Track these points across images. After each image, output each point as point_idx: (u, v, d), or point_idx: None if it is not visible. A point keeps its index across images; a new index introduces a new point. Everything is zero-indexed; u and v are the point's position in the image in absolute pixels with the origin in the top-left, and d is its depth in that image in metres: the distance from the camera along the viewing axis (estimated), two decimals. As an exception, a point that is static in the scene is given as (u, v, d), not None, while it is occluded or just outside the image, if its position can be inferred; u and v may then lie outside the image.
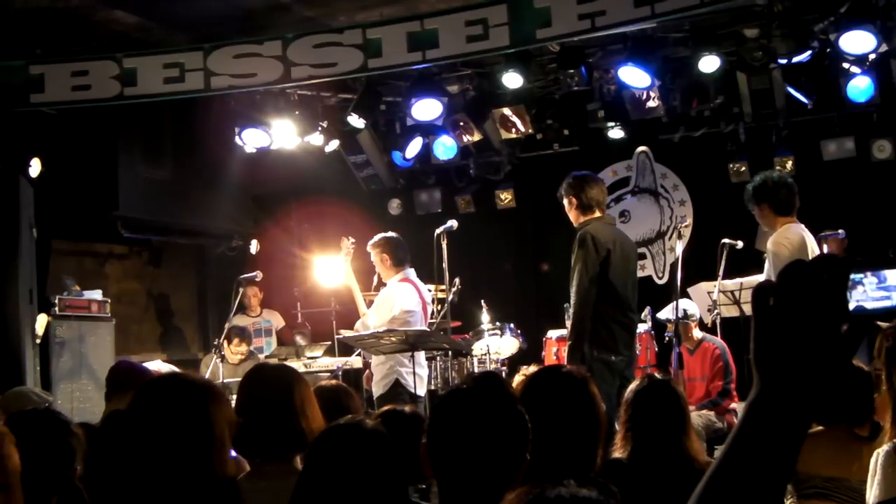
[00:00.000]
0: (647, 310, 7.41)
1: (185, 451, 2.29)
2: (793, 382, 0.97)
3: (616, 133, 8.98)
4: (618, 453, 3.16)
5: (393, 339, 5.96)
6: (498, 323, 8.03)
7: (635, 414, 3.20)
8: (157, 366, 6.83)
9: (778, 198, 5.64)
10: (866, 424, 3.36)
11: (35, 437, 2.76)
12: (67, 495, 2.80)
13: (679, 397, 3.28)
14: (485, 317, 7.92)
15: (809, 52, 7.18)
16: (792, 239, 5.48)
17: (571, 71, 7.77)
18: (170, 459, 2.28)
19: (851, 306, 0.86)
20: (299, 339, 9.01)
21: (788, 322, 0.98)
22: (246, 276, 7.81)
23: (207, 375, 7.38)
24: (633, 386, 3.38)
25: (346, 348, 8.06)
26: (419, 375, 6.29)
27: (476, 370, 8.02)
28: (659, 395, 3.21)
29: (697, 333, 7.34)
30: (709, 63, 7.55)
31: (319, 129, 8.68)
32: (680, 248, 6.72)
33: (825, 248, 6.75)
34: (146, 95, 7.25)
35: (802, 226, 5.66)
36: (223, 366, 7.37)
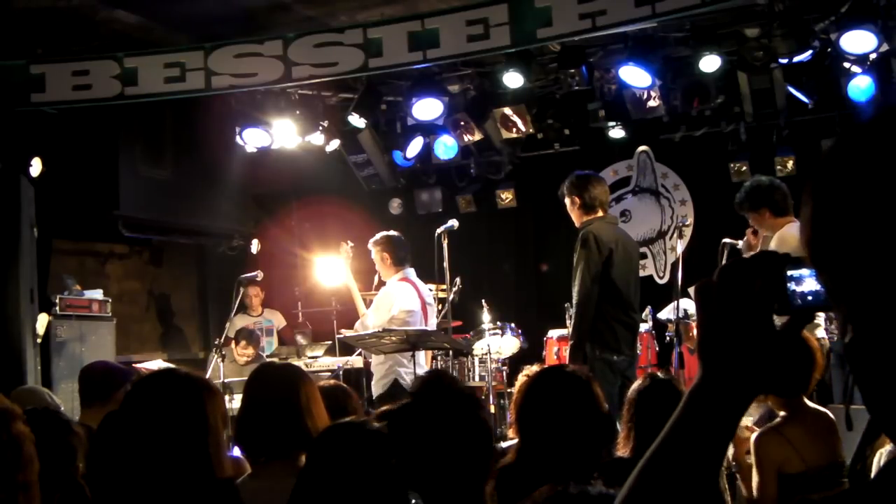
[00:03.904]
0: (647, 309, 7.41)
1: (181, 445, 2.29)
2: (731, 372, 1.07)
3: (617, 133, 8.97)
4: (621, 452, 3.17)
5: (394, 338, 5.96)
6: (499, 322, 8.02)
7: (638, 413, 3.22)
8: (158, 365, 6.82)
9: (775, 199, 5.79)
10: (805, 393, 3.53)
11: (38, 436, 2.78)
12: (70, 493, 2.81)
13: (681, 396, 3.29)
14: (486, 316, 7.91)
15: (810, 52, 7.18)
16: (794, 237, 5.50)
17: (572, 70, 7.77)
18: (167, 454, 2.28)
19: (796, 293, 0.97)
20: (300, 339, 9.01)
21: (727, 317, 1.08)
22: (247, 275, 7.81)
23: (209, 374, 7.39)
24: (635, 385, 3.40)
25: (346, 348, 8.06)
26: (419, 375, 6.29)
27: (477, 370, 8.03)
28: (662, 394, 3.24)
29: (698, 333, 7.34)
30: (710, 63, 7.55)
31: (320, 128, 8.67)
32: (681, 247, 6.73)
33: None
34: (147, 95, 7.25)
35: (802, 224, 5.68)
36: (226, 365, 7.37)
